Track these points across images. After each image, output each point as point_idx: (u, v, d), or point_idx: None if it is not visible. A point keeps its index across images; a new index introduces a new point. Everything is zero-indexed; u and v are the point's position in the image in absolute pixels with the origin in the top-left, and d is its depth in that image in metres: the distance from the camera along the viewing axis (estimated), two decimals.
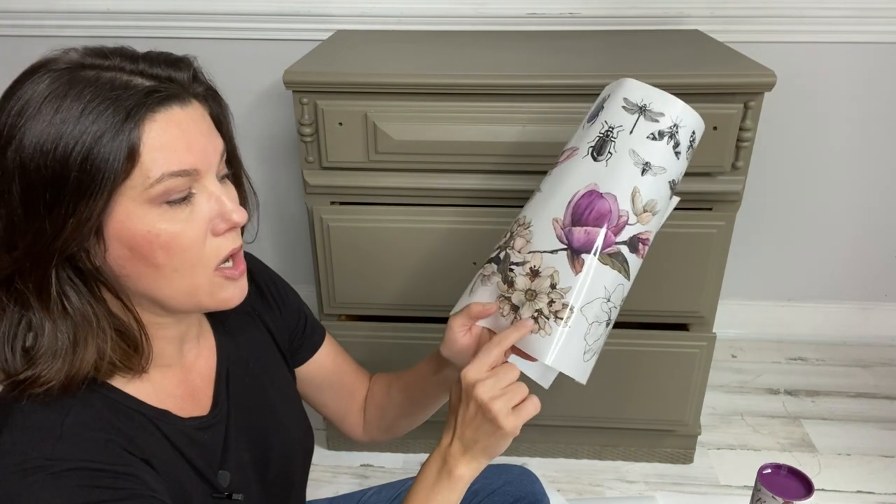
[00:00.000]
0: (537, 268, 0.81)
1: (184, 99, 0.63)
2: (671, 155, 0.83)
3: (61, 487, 0.58)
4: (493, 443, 0.74)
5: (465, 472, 0.75)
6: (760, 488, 1.07)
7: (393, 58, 1.41)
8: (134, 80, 0.61)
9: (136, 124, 0.59)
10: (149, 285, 0.65)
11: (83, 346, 0.63)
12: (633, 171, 0.80)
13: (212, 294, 0.67)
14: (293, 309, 0.92)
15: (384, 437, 1.02)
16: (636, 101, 0.82)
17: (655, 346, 1.42)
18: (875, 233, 1.89)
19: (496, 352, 0.75)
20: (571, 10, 1.67)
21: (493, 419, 0.72)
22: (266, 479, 0.81)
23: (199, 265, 0.65)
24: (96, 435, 0.62)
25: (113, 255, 0.62)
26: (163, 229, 0.62)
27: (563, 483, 1.54)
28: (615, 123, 0.83)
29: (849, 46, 1.68)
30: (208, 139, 0.65)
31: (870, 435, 1.67)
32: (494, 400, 0.72)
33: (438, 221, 1.33)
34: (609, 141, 0.82)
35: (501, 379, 0.73)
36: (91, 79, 0.60)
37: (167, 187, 0.61)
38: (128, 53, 0.63)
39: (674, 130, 0.82)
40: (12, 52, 1.78)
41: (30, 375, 0.61)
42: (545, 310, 0.79)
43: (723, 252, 1.33)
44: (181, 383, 0.74)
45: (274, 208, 1.95)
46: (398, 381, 0.98)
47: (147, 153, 0.59)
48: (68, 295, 0.62)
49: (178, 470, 0.68)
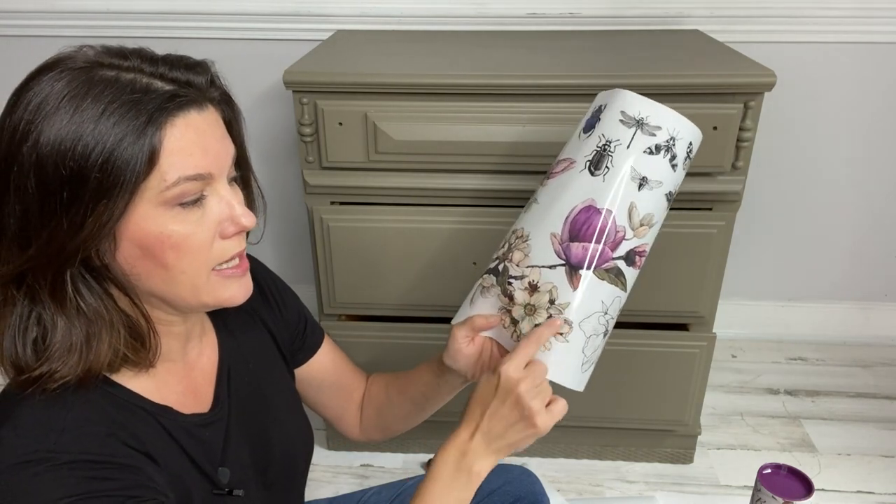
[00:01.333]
0: (536, 282, 0.82)
1: (201, 104, 0.64)
2: (668, 168, 0.83)
3: (62, 479, 0.58)
4: (520, 439, 0.76)
5: (483, 467, 0.76)
6: (760, 488, 1.07)
7: (393, 58, 1.41)
8: (154, 83, 0.61)
9: (157, 128, 0.59)
10: (156, 284, 0.65)
11: (97, 341, 0.63)
12: (630, 187, 0.81)
13: (213, 293, 0.68)
14: (294, 310, 0.93)
15: (381, 437, 1.02)
16: (633, 115, 0.82)
17: (655, 346, 1.42)
18: (875, 233, 1.89)
19: (532, 349, 0.77)
20: (571, 10, 1.67)
21: (528, 416, 0.74)
22: (266, 477, 0.81)
23: (203, 266, 0.66)
24: (98, 429, 0.62)
25: (123, 253, 0.63)
26: (174, 231, 0.63)
27: (563, 483, 1.54)
28: (612, 137, 0.83)
29: (849, 46, 1.68)
30: (222, 144, 0.66)
31: (870, 435, 1.66)
32: (534, 399, 0.74)
33: (438, 221, 1.33)
34: (606, 155, 0.82)
35: (537, 376, 0.76)
36: (111, 79, 0.60)
37: (182, 190, 0.62)
38: (147, 55, 0.63)
39: (671, 144, 0.82)
40: (12, 52, 1.78)
41: (45, 371, 0.61)
42: (542, 321, 0.81)
43: (723, 252, 1.33)
44: (183, 380, 0.74)
45: (274, 208, 1.95)
46: (396, 383, 0.98)
47: (165, 157, 0.60)
48: (82, 293, 0.63)
49: (178, 465, 0.69)
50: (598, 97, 0.89)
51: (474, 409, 0.77)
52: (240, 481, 0.76)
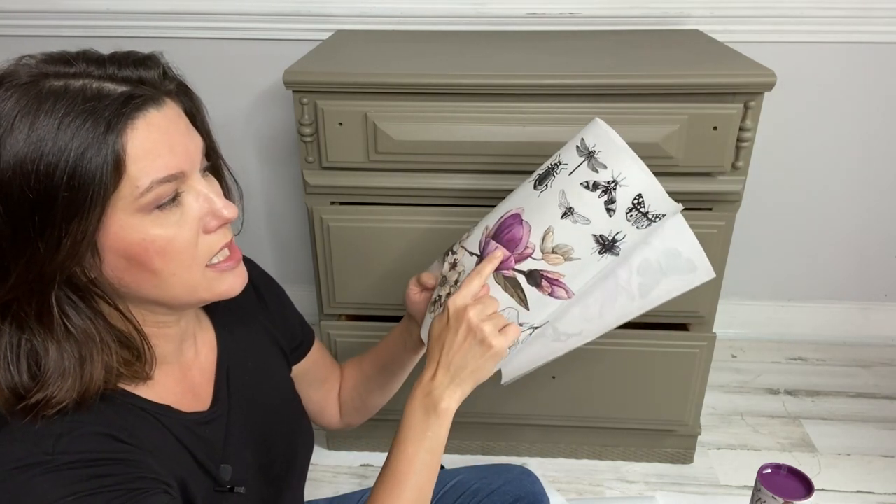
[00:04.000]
0: (456, 262, 0.89)
1: (158, 100, 0.61)
2: (601, 209, 0.80)
3: (62, 478, 0.58)
4: (481, 365, 0.78)
5: (451, 403, 0.78)
6: (760, 488, 1.07)
7: (393, 58, 1.41)
8: (105, 86, 0.59)
9: (117, 135, 0.57)
10: (149, 291, 0.65)
11: (90, 362, 0.62)
12: (554, 211, 0.82)
13: (210, 289, 0.68)
14: (290, 310, 0.94)
15: (359, 420, 1.06)
16: (588, 146, 0.82)
17: (655, 346, 1.42)
18: (875, 233, 1.89)
19: (476, 282, 0.81)
20: (571, 10, 1.67)
21: (483, 339, 0.77)
22: (267, 474, 0.82)
23: (193, 265, 0.65)
24: (97, 429, 0.62)
25: (109, 266, 0.62)
26: (157, 235, 0.61)
27: (563, 483, 1.54)
28: (564, 160, 0.84)
29: (849, 46, 1.68)
30: (189, 138, 0.64)
31: (870, 435, 1.67)
32: (484, 322, 0.78)
33: (438, 221, 1.33)
34: (551, 174, 0.84)
35: (487, 306, 0.80)
36: (60, 90, 0.57)
37: (157, 194, 0.60)
38: (93, 57, 0.61)
39: (611, 186, 0.80)
40: (12, 53, 1.78)
41: (41, 398, 0.60)
42: (442, 298, 0.88)
43: (723, 252, 1.33)
44: (181, 381, 0.74)
45: (274, 208, 1.95)
46: (368, 357, 1.03)
47: (132, 163, 0.58)
48: (69, 315, 0.61)
49: (180, 462, 0.69)
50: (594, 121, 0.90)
51: (433, 350, 0.80)
52: (241, 478, 0.76)
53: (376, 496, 0.75)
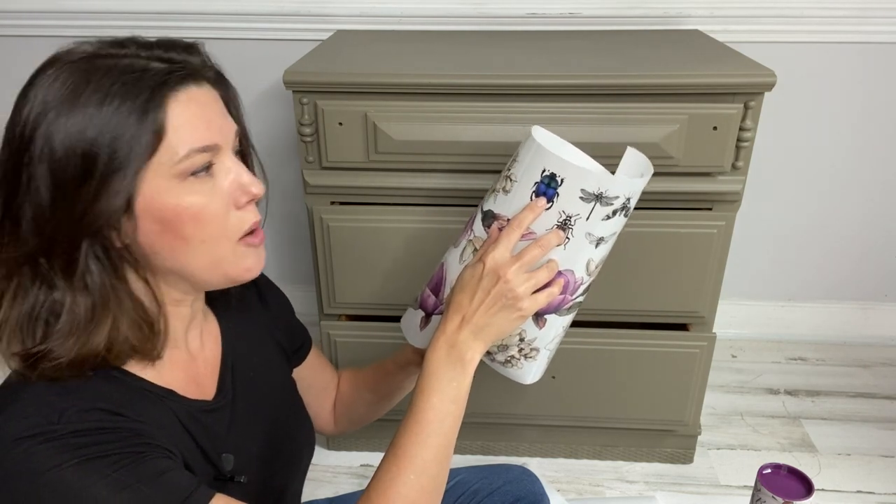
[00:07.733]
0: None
1: (198, 80, 0.66)
2: (622, 223, 0.84)
3: (67, 445, 0.59)
4: (506, 326, 0.77)
5: (474, 355, 0.77)
6: (760, 488, 1.07)
7: (393, 58, 1.41)
8: (151, 63, 0.64)
9: (159, 103, 0.62)
10: (178, 259, 0.67)
11: (97, 325, 0.64)
12: (589, 248, 0.82)
13: (236, 263, 0.70)
14: (291, 313, 0.96)
15: (352, 428, 1.08)
16: (593, 191, 0.79)
17: (655, 346, 1.42)
18: (875, 233, 1.89)
19: (515, 235, 0.78)
20: (571, 10, 1.67)
21: (513, 304, 0.76)
22: (269, 468, 0.83)
23: (223, 237, 0.68)
24: (102, 405, 0.63)
25: (144, 231, 0.65)
26: (191, 202, 0.65)
27: (563, 483, 1.54)
28: (573, 212, 0.80)
29: (849, 46, 1.68)
30: (224, 119, 0.68)
31: (870, 435, 1.67)
32: (522, 283, 0.76)
33: (439, 221, 1.33)
34: (567, 228, 0.81)
35: (528, 262, 0.77)
36: (109, 66, 0.62)
37: (193, 162, 0.64)
38: (142, 42, 0.66)
39: (627, 204, 0.83)
40: (12, 52, 1.78)
41: (42, 349, 0.63)
42: None
43: (723, 252, 1.33)
44: (186, 369, 0.75)
45: (274, 208, 1.94)
46: (365, 379, 1.03)
47: (172, 131, 0.63)
48: (92, 270, 0.64)
49: (183, 446, 0.70)
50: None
51: (460, 300, 0.78)
52: (243, 469, 0.76)
53: (401, 445, 0.73)
